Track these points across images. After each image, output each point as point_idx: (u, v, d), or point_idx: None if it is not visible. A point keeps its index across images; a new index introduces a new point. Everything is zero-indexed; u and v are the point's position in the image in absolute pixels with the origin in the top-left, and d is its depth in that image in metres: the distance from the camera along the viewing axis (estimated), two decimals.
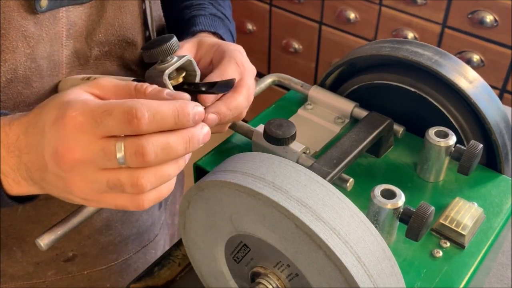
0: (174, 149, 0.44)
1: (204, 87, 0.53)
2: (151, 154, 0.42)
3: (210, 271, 0.58)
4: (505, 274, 0.77)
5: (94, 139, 0.43)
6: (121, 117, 0.42)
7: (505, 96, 1.62)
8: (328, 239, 0.41)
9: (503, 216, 0.60)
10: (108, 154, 0.43)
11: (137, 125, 0.42)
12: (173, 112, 0.43)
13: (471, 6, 1.54)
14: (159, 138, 0.43)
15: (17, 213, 0.69)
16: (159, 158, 0.43)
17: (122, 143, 0.43)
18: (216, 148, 0.67)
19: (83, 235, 0.75)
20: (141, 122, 0.42)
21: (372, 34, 1.78)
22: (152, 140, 0.43)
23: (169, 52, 0.52)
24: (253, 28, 2.08)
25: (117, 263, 0.81)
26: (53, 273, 0.76)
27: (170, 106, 0.43)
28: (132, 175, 0.43)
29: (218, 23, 0.73)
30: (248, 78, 0.59)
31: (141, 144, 0.42)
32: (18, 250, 0.73)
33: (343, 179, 0.58)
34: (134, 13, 0.65)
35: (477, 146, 0.59)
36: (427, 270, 0.54)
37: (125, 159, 0.43)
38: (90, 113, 0.43)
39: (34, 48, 0.57)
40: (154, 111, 0.43)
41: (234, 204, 0.47)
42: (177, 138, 0.44)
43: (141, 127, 0.42)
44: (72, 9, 0.59)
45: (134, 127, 0.42)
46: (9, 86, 0.57)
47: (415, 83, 0.65)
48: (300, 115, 0.70)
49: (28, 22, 0.55)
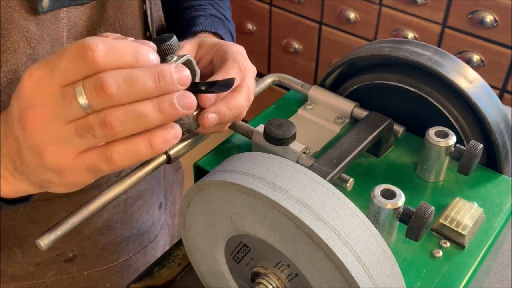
0: (140, 81, 0.40)
1: (204, 86, 0.53)
2: (112, 86, 0.39)
3: (210, 271, 0.58)
4: (505, 274, 0.77)
5: (53, 89, 0.40)
6: (74, 54, 0.39)
7: (505, 96, 1.62)
8: (328, 239, 0.41)
9: (503, 216, 0.60)
10: (69, 99, 0.40)
11: (92, 57, 0.39)
12: (132, 48, 0.41)
13: (471, 6, 1.54)
14: (121, 71, 0.40)
15: (18, 213, 0.69)
16: (122, 90, 0.40)
17: (81, 85, 0.40)
18: (216, 148, 0.67)
19: (84, 235, 0.75)
20: (96, 54, 0.39)
21: (372, 34, 1.78)
22: (112, 73, 0.39)
23: (169, 51, 0.52)
24: (253, 28, 2.08)
25: (117, 263, 0.81)
26: (53, 274, 0.76)
27: (128, 43, 0.41)
28: (99, 114, 0.40)
29: (218, 24, 0.73)
30: (249, 78, 0.59)
31: (99, 77, 0.39)
32: (18, 250, 0.73)
33: (343, 179, 0.58)
34: (134, 14, 0.65)
35: (477, 146, 0.59)
36: (427, 270, 0.54)
37: (87, 100, 0.40)
38: (45, 63, 0.41)
39: (35, 49, 0.57)
40: (109, 44, 0.39)
41: (234, 204, 0.47)
42: (142, 71, 0.40)
43: (96, 59, 0.39)
44: (73, 10, 0.59)
45: (89, 61, 0.39)
46: (9, 86, 0.57)
47: (415, 83, 0.65)
48: (300, 115, 0.70)
49: (30, 23, 0.55)
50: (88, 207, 0.53)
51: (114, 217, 0.77)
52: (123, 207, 0.78)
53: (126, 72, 0.40)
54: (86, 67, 0.39)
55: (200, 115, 0.53)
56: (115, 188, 0.55)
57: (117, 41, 0.40)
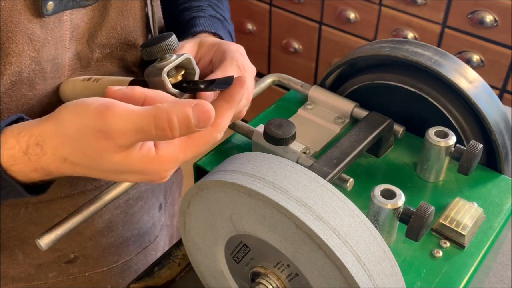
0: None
1: (203, 84, 0.53)
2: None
3: (210, 271, 0.58)
4: (505, 274, 0.77)
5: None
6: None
7: (505, 96, 1.62)
8: (328, 239, 0.42)
9: (503, 216, 0.60)
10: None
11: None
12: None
13: (471, 6, 1.54)
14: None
15: (19, 215, 0.69)
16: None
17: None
18: (216, 148, 0.67)
19: (85, 236, 0.75)
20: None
21: (372, 34, 1.78)
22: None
23: (168, 49, 0.52)
24: (253, 28, 2.08)
25: (118, 264, 0.81)
26: (55, 275, 0.76)
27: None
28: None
29: (218, 25, 0.73)
30: (248, 78, 0.59)
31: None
32: (19, 251, 0.73)
33: (343, 179, 0.58)
34: (136, 16, 0.65)
35: (477, 146, 0.59)
36: (427, 270, 0.54)
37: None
38: (186, 159, 0.49)
39: (39, 51, 0.57)
40: (224, 128, 0.49)
41: (234, 204, 0.47)
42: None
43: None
44: (75, 12, 0.59)
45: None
46: (13, 88, 0.57)
47: (415, 83, 0.65)
48: (300, 115, 0.70)
49: (34, 26, 0.55)
50: (88, 207, 0.53)
51: (115, 218, 0.77)
52: (124, 208, 0.78)
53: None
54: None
55: None
56: (115, 188, 0.55)
57: (227, 122, 0.50)
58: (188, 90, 0.53)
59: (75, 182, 0.70)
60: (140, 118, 0.44)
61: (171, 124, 0.44)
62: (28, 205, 0.69)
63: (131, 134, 0.44)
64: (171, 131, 0.44)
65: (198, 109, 0.44)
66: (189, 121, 0.44)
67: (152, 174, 0.49)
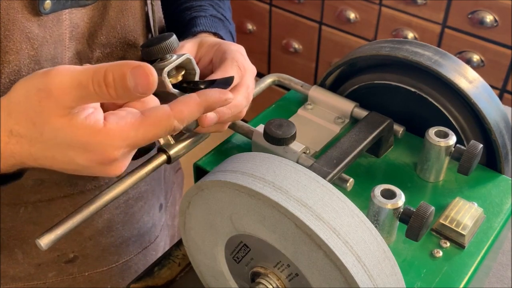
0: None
1: (203, 85, 0.53)
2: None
3: (210, 271, 0.58)
4: (505, 274, 0.77)
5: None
6: (165, 135, 0.47)
7: (505, 96, 1.62)
8: (328, 239, 0.42)
9: (503, 216, 0.60)
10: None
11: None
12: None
13: (471, 6, 1.54)
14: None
15: (19, 214, 0.69)
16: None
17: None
18: (216, 148, 0.67)
19: (84, 236, 0.75)
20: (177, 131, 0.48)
21: (372, 34, 1.78)
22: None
23: (168, 50, 0.52)
24: (253, 28, 2.08)
25: (118, 264, 0.81)
26: (54, 275, 0.76)
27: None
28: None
29: (219, 24, 0.73)
30: (248, 78, 0.59)
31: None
32: (19, 251, 0.73)
33: (343, 179, 0.58)
34: (136, 16, 0.65)
35: (477, 146, 0.59)
36: (427, 270, 0.54)
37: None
38: (138, 143, 0.46)
39: (38, 50, 0.57)
40: (187, 120, 0.47)
41: (234, 204, 0.47)
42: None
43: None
44: (75, 11, 0.59)
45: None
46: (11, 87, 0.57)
47: (415, 83, 0.65)
48: (300, 115, 0.70)
49: (32, 24, 0.55)
50: (88, 207, 0.53)
51: (115, 218, 0.77)
52: (124, 208, 0.78)
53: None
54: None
55: None
56: (115, 188, 0.55)
57: (192, 116, 0.48)
58: (188, 90, 0.53)
59: (75, 182, 0.70)
60: (80, 73, 0.43)
61: (106, 80, 0.42)
62: (27, 205, 0.69)
63: (70, 90, 0.43)
64: (107, 88, 0.42)
65: (138, 71, 0.42)
66: (125, 79, 0.42)
67: (98, 152, 0.45)
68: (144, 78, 0.42)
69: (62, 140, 0.45)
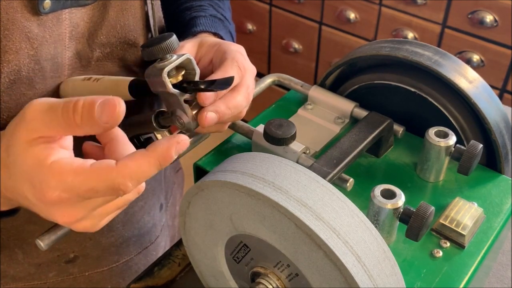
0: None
1: (203, 85, 0.53)
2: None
3: (210, 271, 0.58)
4: (505, 274, 0.77)
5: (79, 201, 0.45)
6: (107, 193, 0.44)
7: (505, 96, 1.62)
8: (328, 239, 0.42)
9: (503, 216, 0.60)
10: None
11: (124, 193, 0.45)
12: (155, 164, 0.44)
13: (471, 6, 1.54)
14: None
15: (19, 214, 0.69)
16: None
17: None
18: (216, 148, 0.67)
19: (85, 236, 0.75)
20: (127, 191, 0.44)
21: (372, 34, 1.78)
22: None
23: (168, 50, 0.52)
24: (253, 28, 2.08)
25: (118, 264, 0.81)
26: (54, 275, 0.76)
27: (150, 162, 0.44)
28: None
29: (219, 24, 0.73)
30: (248, 78, 0.59)
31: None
32: (19, 251, 0.73)
33: (343, 179, 0.58)
34: (136, 15, 0.65)
35: (477, 146, 0.59)
36: (427, 270, 0.54)
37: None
38: (75, 191, 0.43)
39: (37, 50, 0.57)
40: (136, 177, 0.44)
41: (234, 204, 0.47)
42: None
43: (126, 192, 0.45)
44: (75, 11, 0.59)
45: (120, 195, 0.45)
46: (12, 87, 0.57)
47: (415, 83, 0.65)
48: (300, 115, 0.70)
49: (32, 23, 0.55)
50: None
51: (115, 218, 0.77)
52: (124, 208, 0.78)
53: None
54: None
55: (199, 114, 0.53)
56: None
57: (141, 170, 0.44)
58: (188, 90, 0.53)
59: None
60: (55, 100, 0.43)
61: (75, 106, 0.42)
62: None
63: (41, 114, 0.43)
64: (73, 114, 0.42)
65: (107, 101, 0.42)
66: (93, 108, 0.42)
67: (38, 188, 0.44)
68: (111, 108, 0.42)
69: (20, 167, 0.44)
